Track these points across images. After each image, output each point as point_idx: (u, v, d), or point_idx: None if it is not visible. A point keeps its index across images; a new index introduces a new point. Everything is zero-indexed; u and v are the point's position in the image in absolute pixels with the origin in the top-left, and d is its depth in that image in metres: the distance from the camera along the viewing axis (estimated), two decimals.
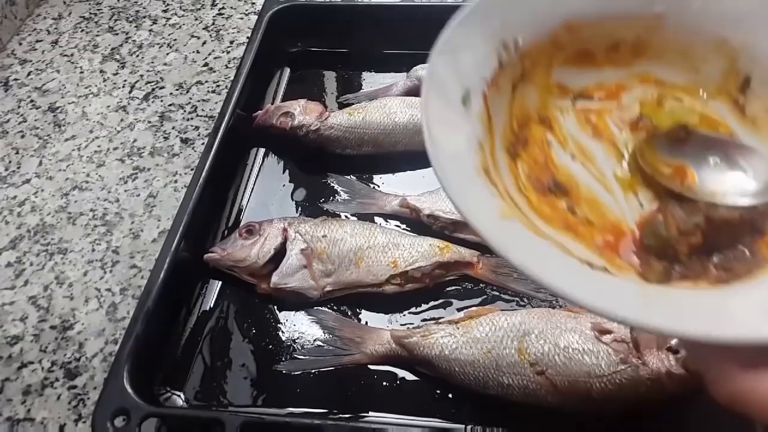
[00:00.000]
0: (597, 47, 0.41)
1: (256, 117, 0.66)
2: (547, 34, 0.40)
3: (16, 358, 0.52)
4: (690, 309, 0.29)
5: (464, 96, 0.35)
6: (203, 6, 0.88)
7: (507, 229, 0.31)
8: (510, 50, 0.38)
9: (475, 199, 0.31)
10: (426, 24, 0.76)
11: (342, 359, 0.49)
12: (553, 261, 0.31)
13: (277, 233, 0.54)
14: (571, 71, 0.41)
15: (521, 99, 0.40)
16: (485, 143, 0.35)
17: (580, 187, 0.37)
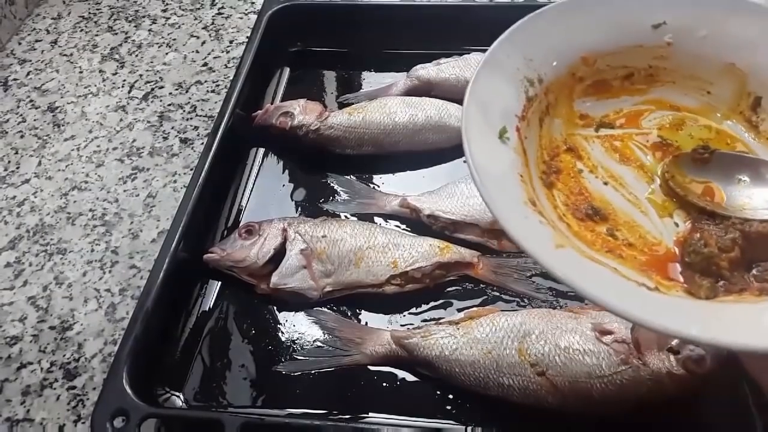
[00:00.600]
0: (613, 77, 0.44)
1: (256, 117, 0.65)
2: (566, 68, 0.42)
3: (15, 358, 0.52)
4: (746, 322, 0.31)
5: (501, 131, 0.37)
6: (203, 5, 0.88)
7: (565, 258, 0.32)
8: (535, 85, 0.41)
9: (531, 230, 0.33)
10: (426, 24, 0.77)
11: (342, 360, 0.49)
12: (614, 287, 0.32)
13: (277, 233, 0.54)
14: (591, 101, 0.44)
15: (548, 131, 0.42)
16: (525, 175, 0.37)
17: (616, 211, 0.39)
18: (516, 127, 0.38)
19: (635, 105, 0.44)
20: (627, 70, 0.44)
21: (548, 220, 0.35)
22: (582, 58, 0.43)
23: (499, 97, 0.39)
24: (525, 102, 0.40)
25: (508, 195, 0.34)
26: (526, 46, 0.41)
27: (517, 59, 0.40)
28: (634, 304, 0.30)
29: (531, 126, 0.40)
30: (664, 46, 0.43)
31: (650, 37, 0.42)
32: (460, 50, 0.69)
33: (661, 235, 0.37)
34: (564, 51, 0.42)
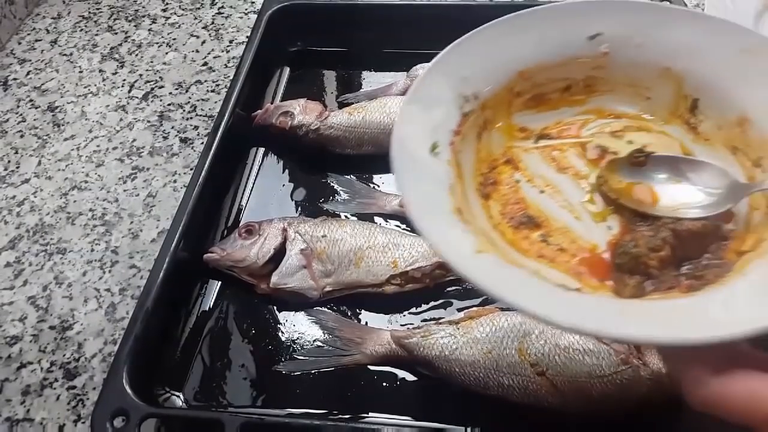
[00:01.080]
0: (551, 90, 0.45)
1: (256, 116, 0.65)
2: (503, 85, 0.43)
3: (15, 358, 0.52)
4: (662, 317, 0.31)
5: (432, 146, 0.38)
6: (203, 5, 0.88)
7: (482, 263, 0.33)
8: (471, 101, 0.42)
9: (450, 237, 0.34)
10: (426, 23, 0.77)
11: (342, 360, 0.49)
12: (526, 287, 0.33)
13: (277, 233, 0.54)
14: (531, 114, 0.45)
15: (487, 144, 0.43)
16: (456, 187, 0.38)
17: (550, 218, 0.40)
18: (450, 142, 0.39)
19: (575, 115, 0.45)
20: (565, 82, 0.45)
21: (476, 229, 0.36)
22: (519, 73, 0.43)
23: (433, 113, 0.40)
24: (460, 118, 0.41)
25: (433, 204, 0.35)
26: (462, 66, 0.42)
27: (452, 78, 0.41)
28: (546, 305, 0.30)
29: (467, 140, 0.41)
30: (601, 56, 0.43)
31: (586, 48, 0.43)
32: None
33: (594, 239, 0.38)
34: (500, 68, 0.43)
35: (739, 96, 0.39)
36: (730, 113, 0.39)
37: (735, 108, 0.39)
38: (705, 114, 0.41)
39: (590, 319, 0.29)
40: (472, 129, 0.42)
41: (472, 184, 0.41)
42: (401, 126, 0.38)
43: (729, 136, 0.40)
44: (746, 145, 0.39)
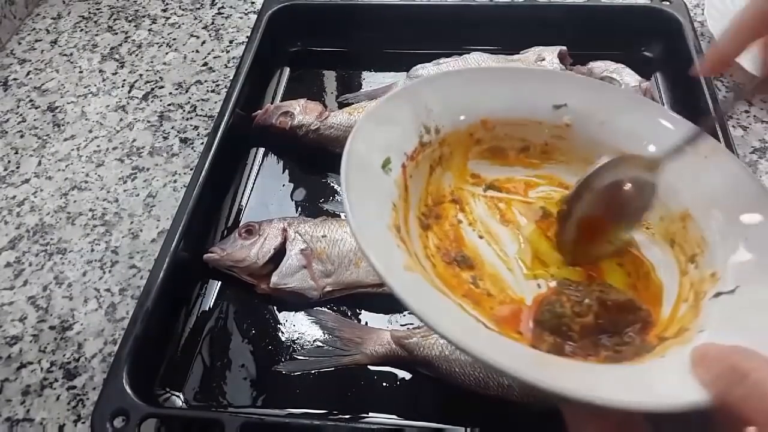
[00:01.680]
0: (510, 147, 0.46)
1: (256, 116, 0.65)
2: (465, 127, 0.45)
3: (15, 358, 0.52)
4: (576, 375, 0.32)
5: (384, 161, 0.39)
6: (202, 5, 0.88)
7: (409, 280, 0.33)
8: (431, 133, 0.43)
9: (383, 248, 0.34)
10: (426, 23, 0.77)
11: (342, 360, 0.49)
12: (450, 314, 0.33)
13: (277, 233, 0.54)
14: (486, 164, 0.46)
15: (438, 179, 0.44)
16: (399, 206, 0.39)
17: (485, 263, 0.41)
18: (402, 164, 0.40)
19: (527, 176, 0.46)
20: (524, 142, 0.46)
21: (408, 249, 0.36)
22: (482, 121, 0.45)
23: (394, 132, 0.41)
24: (418, 145, 0.42)
25: (372, 214, 0.36)
26: (430, 98, 0.43)
27: (419, 105, 0.42)
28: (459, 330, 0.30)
29: (420, 169, 0.42)
30: (563, 127, 0.45)
31: (551, 115, 0.45)
32: (460, 50, 0.69)
33: (522, 293, 0.39)
34: (466, 110, 0.44)
35: (684, 193, 0.41)
36: (675, 208, 0.41)
37: (679, 204, 0.41)
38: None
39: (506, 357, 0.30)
40: (426, 160, 0.43)
41: (415, 212, 0.42)
42: (358, 135, 0.39)
43: (670, 230, 0.41)
44: (684, 241, 0.40)
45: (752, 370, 0.26)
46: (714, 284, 0.36)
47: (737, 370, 0.27)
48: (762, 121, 0.66)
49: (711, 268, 0.37)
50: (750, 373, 0.26)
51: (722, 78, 0.71)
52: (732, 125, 0.65)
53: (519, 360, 0.31)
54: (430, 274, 0.38)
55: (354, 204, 0.34)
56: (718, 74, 0.40)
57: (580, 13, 0.71)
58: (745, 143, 0.64)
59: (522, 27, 0.71)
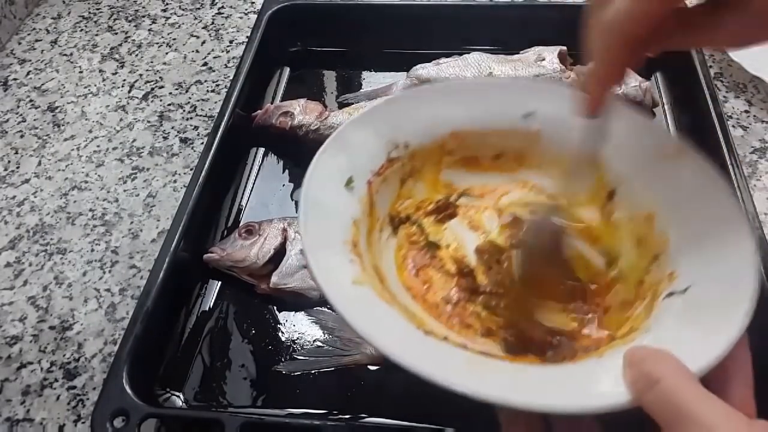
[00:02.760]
0: (483, 155, 0.47)
1: (256, 117, 0.65)
2: (435, 140, 0.45)
3: (15, 358, 0.52)
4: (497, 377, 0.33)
5: (348, 180, 0.40)
6: (202, 5, 0.88)
7: (355, 294, 0.34)
8: (400, 149, 0.43)
9: (332, 264, 0.35)
10: (426, 23, 0.77)
11: (342, 360, 0.49)
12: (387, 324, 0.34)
13: (277, 233, 0.54)
14: (460, 172, 0.46)
15: (409, 191, 0.45)
16: (362, 221, 0.40)
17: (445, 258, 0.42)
18: (368, 181, 0.41)
19: (502, 182, 0.47)
20: (496, 150, 0.46)
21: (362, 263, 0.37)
22: (451, 133, 0.45)
23: (359, 151, 0.42)
24: (385, 162, 0.43)
25: (328, 231, 0.37)
26: (397, 116, 0.43)
27: (385, 124, 0.43)
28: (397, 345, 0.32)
29: (389, 183, 0.43)
30: (533, 133, 0.45)
31: (521, 123, 0.45)
32: (460, 50, 0.69)
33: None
34: (434, 125, 0.45)
35: (651, 194, 0.41)
36: (641, 208, 0.41)
37: (646, 205, 0.41)
38: (619, 204, 0.43)
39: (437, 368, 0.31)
40: (395, 174, 0.44)
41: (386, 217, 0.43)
42: (322, 156, 0.40)
43: (637, 230, 0.42)
44: (649, 241, 0.40)
45: (662, 378, 0.27)
46: (670, 284, 0.37)
47: (649, 376, 0.28)
48: (762, 121, 0.66)
49: (670, 268, 0.38)
50: (660, 380, 0.27)
51: (722, 78, 0.71)
52: (732, 125, 0.65)
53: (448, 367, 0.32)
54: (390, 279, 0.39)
55: (309, 225, 0.36)
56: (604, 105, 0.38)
57: (580, 13, 0.71)
58: (745, 143, 0.64)
59: (522, 27, 0.71)
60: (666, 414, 0.26)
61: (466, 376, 0.31)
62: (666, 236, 0.39)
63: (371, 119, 0.43)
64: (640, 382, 0.28)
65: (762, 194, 0.60)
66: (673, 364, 0.28)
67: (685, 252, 0.38)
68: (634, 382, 0.29)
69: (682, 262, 0.37)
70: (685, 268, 0.37)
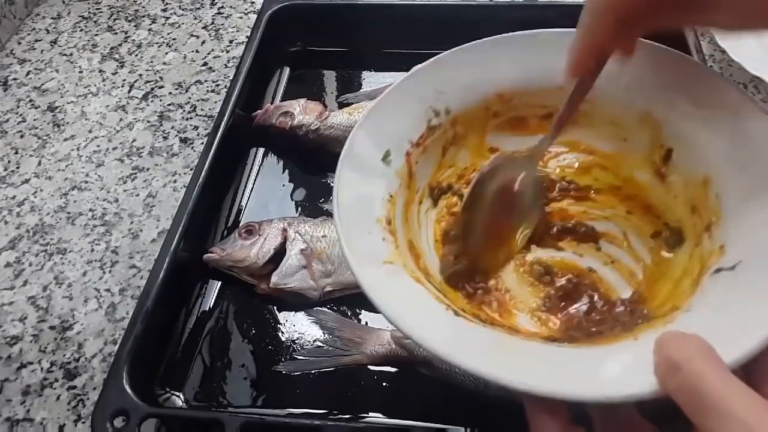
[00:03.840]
0: (531, 115, 0.44)
1: (256, 116, 0.65)
2: (479, 103, 0.43)
3: (15, 358, 0.52)
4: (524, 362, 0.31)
5: (385, 154, 0.39)
6: (202, 5, 0.88)
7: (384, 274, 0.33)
8: (441, 116, 0.42)
9: (366, 243, 0.34)
10: (426, 23, 0.77)
11: (342, 360, 0.49)
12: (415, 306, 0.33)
13: (277, 233, 0.54)
14: (505, 135, 0.44)
15: (451, 159, 0.43)
16: (400, 195, 0.38)
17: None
18: (407, 152, 0.40)
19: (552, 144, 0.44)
20: (546, 109, 0.43)
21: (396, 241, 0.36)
22: (497, 95, 0.42)
23: (397, 122, 0.40)
24: (425, 130, 0.41)
25: (360, 210, 0.36)
26: (439, 80, 0.41)
27: (426, 89, 0.41)
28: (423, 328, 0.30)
29: (429, 153, 0.41)
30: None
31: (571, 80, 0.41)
32: None
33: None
34: (479, 87, 0.42)
35: (708, 155, 0.38)
36: (698, 171, 0.38)
37: (703, 167, 0.38)
38: (676, 166, 0.40)
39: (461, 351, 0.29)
40: (437, 142, 0.42)
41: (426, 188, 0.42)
42: (360, 129, 0.38)
43: (692, 195, 0.38)
44: (704, 208, 0.37)
45: (683, 362, 0.25)
46: (720, 258, 0.34)
47: (672, 361, 0.26)
48: None
49: (721, 240, 0.34)
50: (681, 365, 0.25)
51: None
52: None
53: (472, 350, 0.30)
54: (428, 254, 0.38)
55: (342, 206, 0.35)
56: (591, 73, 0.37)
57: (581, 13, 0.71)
58: None
59: (522, 27, 0.70)
60: (690, 402, 0.24)
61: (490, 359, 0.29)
62: (720, 203, 0.36)
63: (411, 88, 0.41)
64: (663, 367, 0.26)
65: None
66: (697, 347, 0.26)
67: (740, 223, 0.34)
68: (659, 368, 0.27)
69: (734, 235, 0.34)
70: (737, 242, 0.33)
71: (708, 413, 0.23)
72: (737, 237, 0.33)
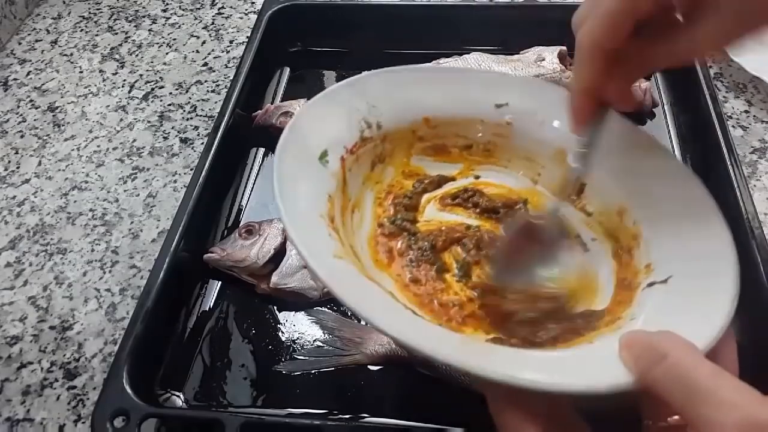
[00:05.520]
0: (452, 144, 0.47)
1: (256, 116, 0.65)
2: (407, 124, 0.45)
3: (15, 358, 0.52)
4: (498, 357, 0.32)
5: (322, 153, 0.40)
6: (203, 5, 0.88)
7: (337, 267, 0.34)
8: (373, 129, 0.43)
9: (313, 238, 0.35)
10: (426, 23, 0.77)
11: (342, 360, 0.49)
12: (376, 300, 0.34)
13: (277, 233, 0.54)
14: (429, 160, 0.47)
15: (378, 175, 0.45)
16: (336, 198, 0.40)
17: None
18: (341, 157, 0.41)
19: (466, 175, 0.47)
20: (467, 140, 0.47)
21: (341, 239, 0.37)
22: (424, 118, 0.45)
23: (333, 126, 0.41)
24: (358, 140, 0.43)
25: (304, 205, 0.36)
26: (372, 94, 0.43)
27: (360, 101, 0.43)
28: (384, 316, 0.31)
29: (360, 164, 0.43)
30: (504, 125, 0.45)
31: (492, 114, 0.45)
32: (460, 50, 0.69)
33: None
34: (408, 108, 0.45)
35: (621, 187, 0.41)
36: (612, 202, 0.42)
37: (616, 198, 0.41)
38: (589, 199, 0.43)
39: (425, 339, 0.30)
40: (368, 155, 0.44)
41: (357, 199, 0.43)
42: (297, 124, 0.39)
43: (608, 223, 0.42)
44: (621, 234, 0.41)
45: (670, 350, 0.27)
46: (648, 275, 0.37)
47: (656, 351, 0.27)
48: (762, 121, 0.66)
49: (646, 260, 0.38)
50: (668, 353, 0.27)
51: (722, 78, 0.71)
52: (732, 125, 0.65)
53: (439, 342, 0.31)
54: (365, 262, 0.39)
55: (285, 192, 0.35)
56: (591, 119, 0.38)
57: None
58: (745, 143, 0.64)
59: (522, 27, 0.71)
60: (677, 390, 0.26)
61: (465, 355, 0.30)
62: (638, 229, 0.40)
63: (348, 93, 0.43)
64: (644, 358, 0.28)
65: (762, 194, 0.60)
66: (678, 339, 0.28)
67: (660, 243, 0.38)
68: (638, 359, 0.28)
69: (657, 254, 0.37)
70: (662, 260, 0.37)
71: (698, 399, 0.25)
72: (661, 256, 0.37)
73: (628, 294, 0.37)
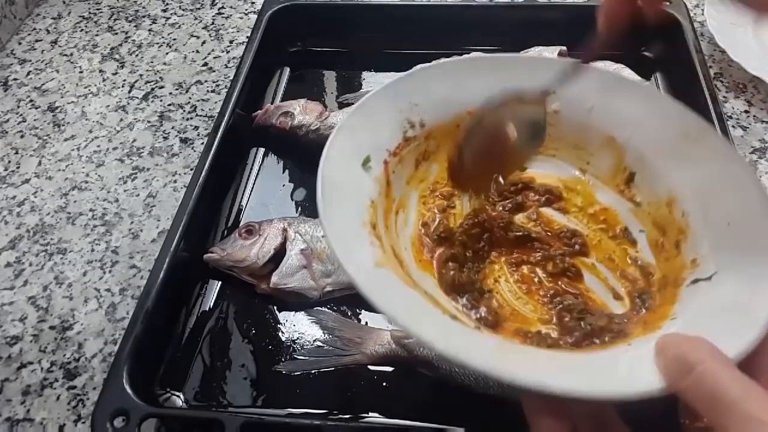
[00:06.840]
0: None
1: (256, 117, 0.65)
2: (451, 119, 0.44)
3: (15, 358, 0.52)
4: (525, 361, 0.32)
5: (365, 160, 0.40)
6: (203, 5, 0.88)
7: (378, 276, 0.34)
8: (416, 128, 0.43)
9: (356, 247, 0.35)
10: (426, 23, 0.77)
11: (342, 360, 0.49)
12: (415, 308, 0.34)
13: (277, 233, 0.54)
14: None
15: (423, 173, 0.45)
16: (379, 202, 0.39)
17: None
18: (384, 160, 0.41)
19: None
20: None
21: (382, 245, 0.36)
22: (468, 111, 0.44)
23: (375, 131, 0.41)
24: (401, 141, 0.42)
25: (346, 213, 0.36)
26: (414, 92, 0.43)
27: (402, 101, 0.42)
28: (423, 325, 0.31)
29: (404, 164, 0.43)
30: (552, 114, 0.44)
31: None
32: (460, 50, 0.68)
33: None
34: (451, 103, 0.44)
35: (671, 177, 0.40)
36: (661, 192, 0.41)
37: (666, 188, 0.40)
38: (639, 188, 0.43)
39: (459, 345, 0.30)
40: (411, 155, 0.43)
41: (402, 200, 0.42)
42: (339, 134, 0.39)
43: (656, 214, 0.41)
44: (669, 226, 0.40)
45: (698, 363, 0.26)
46: (693, 271, 0.36)
47: (685, 362, 0.27)
48: (762, 121, 0.66)
49: (692, 254, 0.37)
50: (695, 366, 0.26)
51: (722, 78, 0.71)
52: (732, 125, 0.65)
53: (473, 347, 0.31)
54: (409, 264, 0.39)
55: (328, 208, 0.35)
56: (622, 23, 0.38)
57: (580, 13, 0.71)
58: (745, 143, 0.64)
59: (522, 27, 0.71)
60: (705, 401, 0.25)
61: (499, 361, 0.30)
62: (686, 221, 0.38)
63: (389, 96, 0.42)
64: (674, 368, 0.28)
65: None
66: (709, 349, 0.27)
67: (708, 237, 0.37)
68: (668, 369, 0.28)
69: (704, 248, 0.36)
70: (709, 255, 0.36)
71: (725, 412, 0.24)
72: (708, 250, 0.36)
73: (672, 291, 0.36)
